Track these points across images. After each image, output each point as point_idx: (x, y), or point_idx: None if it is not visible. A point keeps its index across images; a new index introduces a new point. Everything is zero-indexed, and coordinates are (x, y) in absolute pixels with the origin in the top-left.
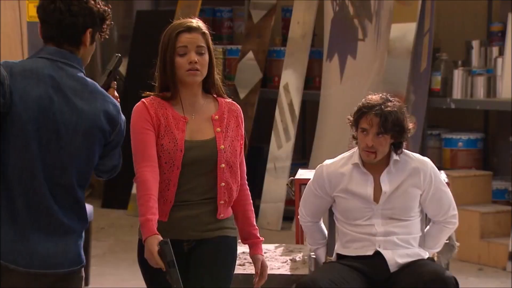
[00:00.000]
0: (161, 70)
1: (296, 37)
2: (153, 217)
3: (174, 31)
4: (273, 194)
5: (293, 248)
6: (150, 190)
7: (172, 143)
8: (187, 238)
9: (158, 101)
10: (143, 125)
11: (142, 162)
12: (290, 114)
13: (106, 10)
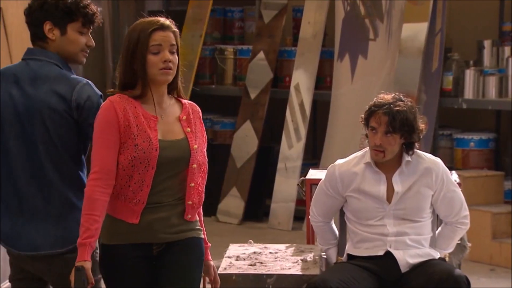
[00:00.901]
0: (127, 67)
1: (307, 37)
2: (87, 242)
3: (147, 28)
4: (283, 194)
5: (304, 248)
6: (95, 211)
7: (146, 142)
8: (158, 241)
9: (126, 99)
10: (106, 129)
11: (97, 173)
12: (301, 114)
13: (73, 2)
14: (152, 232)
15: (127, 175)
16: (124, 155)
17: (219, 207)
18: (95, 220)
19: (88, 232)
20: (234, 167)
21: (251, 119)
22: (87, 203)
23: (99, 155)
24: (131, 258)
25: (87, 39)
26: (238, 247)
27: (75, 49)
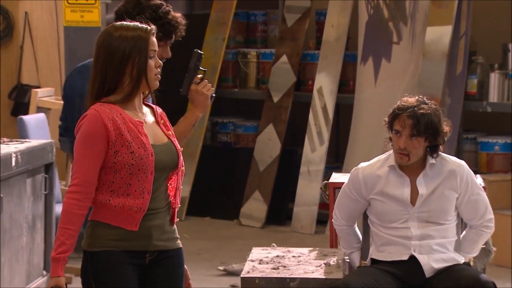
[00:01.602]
0: (114, 73)
1: (330, 40)
2: (61, 256)
3: (145, 33)
4: (306, 198)
5: (327, 252)
6: (71, 225)
7: (141, 148)
8: (152, 249)
9: (109, 107)
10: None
11: (77, 187)
12: (323, 117)
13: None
14: (149, 239)
15: (125, 183)
16: (120, 164)
17: (242, 210)
18: (71, 234)
19: (64, 246)
20: (257, 171)
21: (274, 123)
22: (64, 216)
23: (81, 167)
24: (125, 265)
25: (162, 51)
26: (261, 250)
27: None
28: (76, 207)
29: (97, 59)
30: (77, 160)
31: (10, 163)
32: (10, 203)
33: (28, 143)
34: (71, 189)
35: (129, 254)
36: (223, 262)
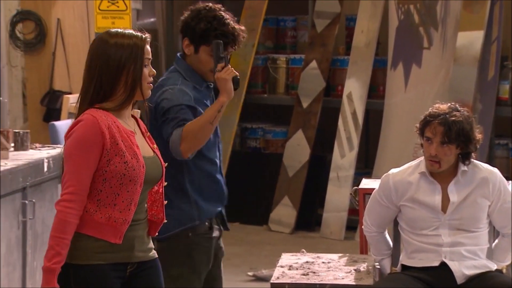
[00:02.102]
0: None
1: (360, 45)
2: (57, 267)
3: (141, 41)
4: (336, 204)
5: (357, 258)
6: (67, 235)
7: (134, 159)
8: (134, 261)
9: (105, 114)
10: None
11: (72, 195)
12: (353, 123)
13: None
14: (131, 250)
15: (113, 193)
16: (111, 173)
17: (271, 216)
18: (66, 244)
19: (59, 257)
20: (286, 176)
21: (303, 128)
22: (60, 225)
23: (76, 174)
24: (110, 278)
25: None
26: (290, 256)
27: (204, 68)
28: (72, 216)
29: (90, 65)
30: (71, 167)
31: (42, 168)
32: (42, 208)
33: (60, 148)
34: (66, 197)
35: (112, 266)
36: (252, 267)
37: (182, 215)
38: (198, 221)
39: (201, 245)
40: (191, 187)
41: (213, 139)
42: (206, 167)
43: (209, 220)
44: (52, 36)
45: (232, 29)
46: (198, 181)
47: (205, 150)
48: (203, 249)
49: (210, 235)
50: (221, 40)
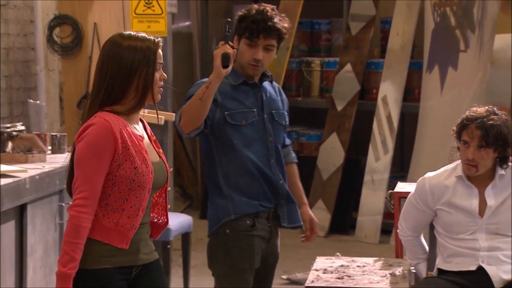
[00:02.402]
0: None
1: (395, 48)
2: (73, 272)
3: (154, 44)
4: (370, 207)
5: (392, 262)
6: (81, 239)
7: (144, 164)
8: (139, 263)
9: (116, 118)
10: (102, 152)
11: (86, 200)
12: (388, 126)
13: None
14: (136, 255)
15: (122, 198)
16: (121, 177)
17: None
18: (80, 249)
19: (74, 262)
20: (320, 180)
21: (337, 131)
22: (74, 230)
23: (89, 178)
24: (117, 281)
25: (254, 52)
26: (325, 260)
27: (243, 60)
28: (85, 220)
29: (102, 67)
30: (84, 172)
31: None
32: None
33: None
34: (79, 202)
35: (118, 270)
36: (286, 271)
37: (219, 211)
38: (233, 216)
39: (240, 242)
40: (225, 182)
41: (254, 134)
42: (239, 163)
43: (250, 217)
44: (88, 40)
45: (266, 18)
46: (234, 176)
47: (240, 144)
48: (243, 246)
49: (251, 233)
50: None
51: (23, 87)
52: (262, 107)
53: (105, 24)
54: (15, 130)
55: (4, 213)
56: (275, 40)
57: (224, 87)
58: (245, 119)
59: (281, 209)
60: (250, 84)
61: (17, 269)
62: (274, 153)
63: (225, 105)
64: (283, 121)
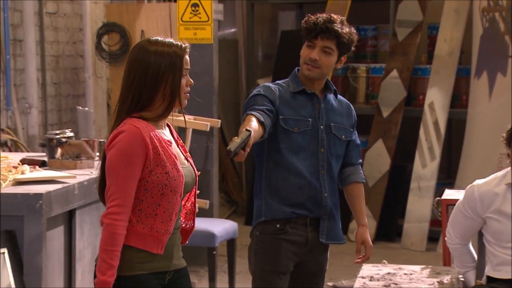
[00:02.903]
0: (154, 89)
1: (443, 54)
2: (112, 279)
3: (181, 51)
4: (417, 214)
5: (440, 270)
6: (118, 247)
7: (174, 169)
8: (172, 269)
9: (145, 124)
10: (134, 158)
11: (121, 207)
12: (435, 132)
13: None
14: (170, 260)
15: (154, 203)
16: (153, 183)
17: (351, 226)
18: (117, 256)
19: (112, 269)
20: (366, 186)
21: (383, 138)
22: (110, 238)
23: (123, 186)
24: (152, 286)
25: (310, 52)
26: (371, 267)
27: (301, 61)
28: (121, 227)
29: (129, 73)
30: (117, 179)
31: None
32: None
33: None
34: (114, 210)
35: (153, 275)
36: (332, 278)
37: (256, 213)
38: (264, 218)
39: (266, 243)
40: (265, 185)
41: (303, 143)
42: (284, 168)
43: (282, 221)
44: None
45: (327, 21)
46: (275, 180)
47: (288, 152)
48: (269, 248)
49: (279, 236)
50: None
51: (72, 94)
52: (319, 118)
53: (152, 31)
54: (64, 137)
55: (53, 219)
56: (333, 43)
57: (283, 93)
58: (298, 127)
59: (323, 223)
60: (309, 93)
61: (66, 273)
62: (326, 165)
63: (281, 110)
64: (343, 136)
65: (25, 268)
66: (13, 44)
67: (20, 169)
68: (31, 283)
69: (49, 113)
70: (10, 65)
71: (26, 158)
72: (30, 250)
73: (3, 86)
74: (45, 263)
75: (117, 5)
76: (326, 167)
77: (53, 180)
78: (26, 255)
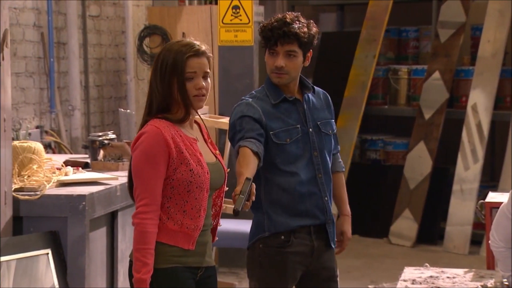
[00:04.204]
0: (163, 91)
1: (486, 55)
2: (147, 276)
3: (183, 54)
4: (459, 217)
5: (483, 273)
6: (150, 244)
7: (199, 166)
8: (205, 265)
9: (168, 124)
10: (156, 158)
11: (149, 206)
12: (478, 134)
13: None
14: (202, 256)
15: (182, 200)
16: (178, 180)
17: (391, 229)
18: (151, 254)
19: (147, 267)
20: (407, 189)
21: (425, 140)
22: (141, 237)
23: (149, 185)
24: (186, 279)
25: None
26: (413, 270)
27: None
28: (150, 226)
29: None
30: (143, 179)
31: None
32: None
33: None
34: (142, 209)
35: (187, 269)
36: (373, 281)
37: (257, 227)
38: (267, 233)
39: (271, 257)
40: (265, 199)
41: (297, 151)
42: (282, 180)
43: (286, 233)
44: None
45: (282, 25)
46: (276, 193)
47: (281, 163)
48: (274, 262)
49: (285, 249)
50: None
51: (114, 96)
52: (306, 121)
53: (193, 33)
54: (106, 139)
55: (96, 220)
56: (295, 45)
57: (265, 107)
58: (289, 137)
59: (329, 229)
60: (291, 100)
61: (108, 274)
62: (322, 168)
63: (269, 125)
64: (330, 130)
65: (69, 269)
66: (57, 47)
67: (64, 171)
68: (74, 283)
69: (91, 115)
70: (54, 68)
71: (69, 159)
72: (74, 251)
73: (47, 88)
74: (88, 264)
75: (159, 8)
76: (322, 169)
77: (96, 181)
78: (69, 256)
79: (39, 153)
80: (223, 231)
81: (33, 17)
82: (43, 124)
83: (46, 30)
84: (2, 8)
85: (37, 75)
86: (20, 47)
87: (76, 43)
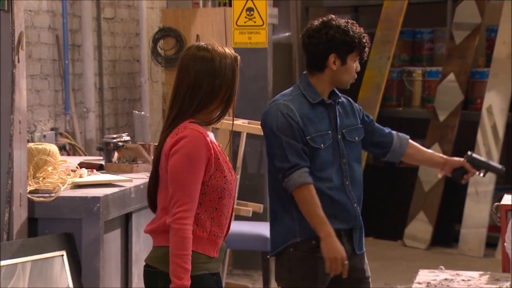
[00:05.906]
0: (213, 94)
1: (502, 57)
2: (189, 283)
3: (236, 58)
4: (474, 219)
5: (499, 276)
6: (189, 250)
7: (230, 173)
8: (219, 270)
9: (203, 128)
10: (199, 162)
11: (189, 212)
12: (493, 137)
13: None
14: (220, 262)
15: (212, 207)
16: (212, 187)
17: (406, 231)
18: (190, 259)
19: (188, 273)
20: (422, 191)
21: (439, 142)
22: (181, 243)
23: (190, 191)
24: (213, 286)
25: (356, 66)
26: (428, 273)
27: (349, 76)
28: (190, 232)
29: (183, 78)
30: (184, 184)
31: None
32: None
33: None
34: (182, 214)
35: (211, 276)
36: (387, 283)
37: (287, 231)
38: (299, 238)
39: (303, 261)
40: (295, 204)
41: (329, 158)
42: (315, 188)
43: (317, 238)
44: None
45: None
46: None
47: (313, 168)
48: (305, 266)
49: (316, 254)
50: None
51: (128, 98)
52: (336, 127)
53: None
54: (120, 141)
55: (110, 222)
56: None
57: (302, 108)
58: (323, 143)
59: (355, 234)
60: (327, 103)
61: (122, 276)
62: (349, 175)
63: (307, 130)
64: (356, 137)
65: (83, 270)
66: (71, 49)
67: (78, 173)
68: (88, 285)
69: (106, 117)
70: (69, 70)
71: (84, 161)
72: (88, 253)
73: (62, 90)
74: (103, 266)
75: (173, 10)
76: (349, 177)
77: (110, 183)
78: (84, 258)
79: (54, 155)
80: (238, 233)
81: (48, 20)
82: (57, 126)
83: (61, 32)
84: (17, 10)
85: (52, 77)
86: (35, 49)
87: (91, 45)
